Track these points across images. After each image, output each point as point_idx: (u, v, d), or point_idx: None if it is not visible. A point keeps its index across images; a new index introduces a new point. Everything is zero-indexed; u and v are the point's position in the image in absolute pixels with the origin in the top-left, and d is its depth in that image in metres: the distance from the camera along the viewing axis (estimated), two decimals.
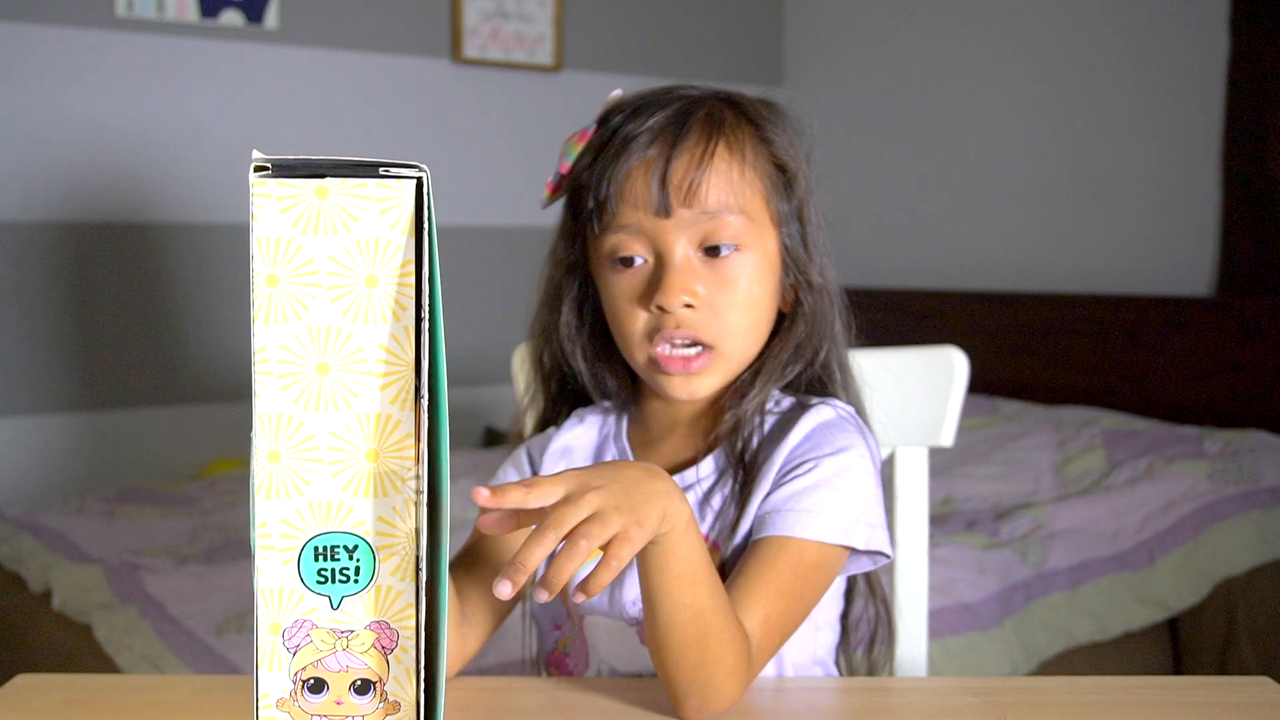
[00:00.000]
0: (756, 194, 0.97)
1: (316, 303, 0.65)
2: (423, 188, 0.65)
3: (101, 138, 2.86)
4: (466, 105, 3.34)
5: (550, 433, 1.08)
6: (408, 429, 0.66)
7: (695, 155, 0.94)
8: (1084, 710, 0.85)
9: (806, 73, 3.76)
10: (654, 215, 0.94)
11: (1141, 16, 2.88)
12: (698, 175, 0.94)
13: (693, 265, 0.95)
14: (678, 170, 0.94)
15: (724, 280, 0.95)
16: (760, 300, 0.97)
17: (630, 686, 0.90)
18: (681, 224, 0.94)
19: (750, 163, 0.97)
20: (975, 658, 1.88)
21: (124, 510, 2.43)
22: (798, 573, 0.89)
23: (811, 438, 0.96)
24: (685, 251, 0.95)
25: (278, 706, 0.67)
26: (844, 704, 0.91)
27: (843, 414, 0.98)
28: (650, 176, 0.94)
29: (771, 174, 0.98)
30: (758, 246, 0.96)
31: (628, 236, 0.96)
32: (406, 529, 0.67)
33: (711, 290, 0.95)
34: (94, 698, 0.88)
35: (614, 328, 0.99)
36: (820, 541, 0.90)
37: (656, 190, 0.94)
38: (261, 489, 0.65)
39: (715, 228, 0.94)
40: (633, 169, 0.95)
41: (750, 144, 0.97)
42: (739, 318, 0.96)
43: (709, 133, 0.96)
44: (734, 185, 0.95)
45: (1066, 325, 2.86)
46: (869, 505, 0.93)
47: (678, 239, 0.95)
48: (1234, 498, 2.23)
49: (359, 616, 0.67)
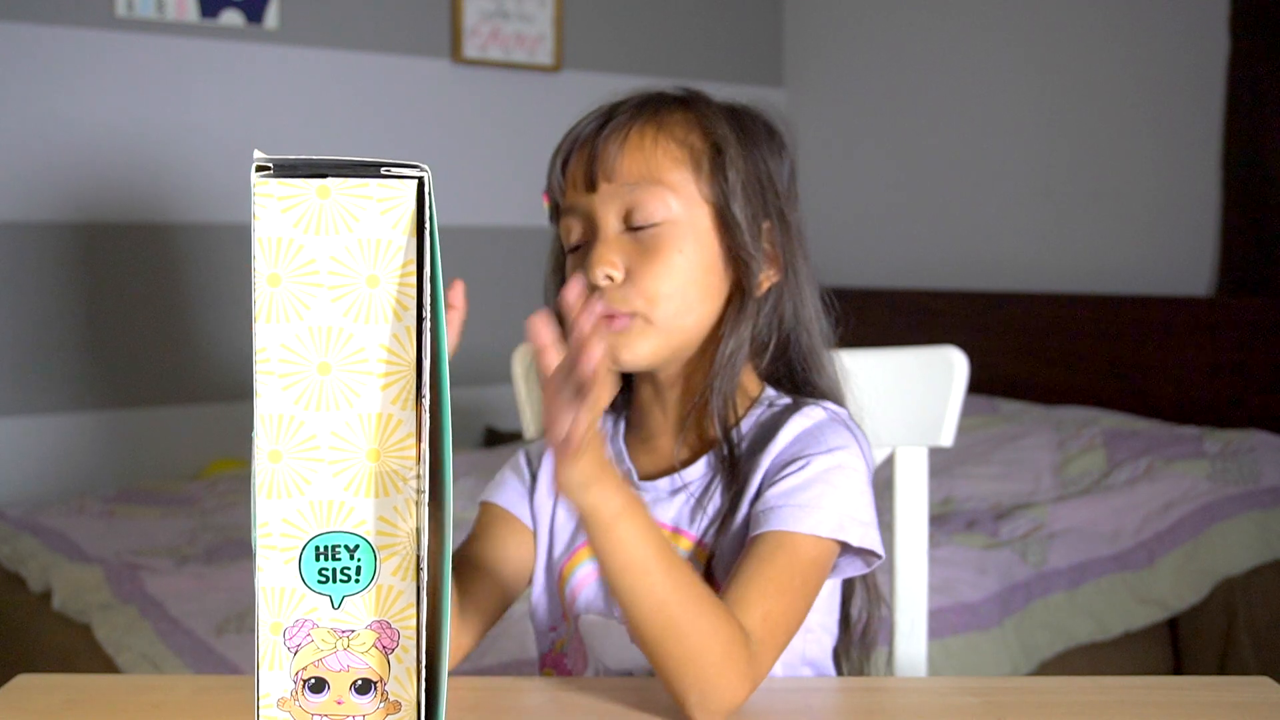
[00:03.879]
0: (680, 166, 0.99)
1: (318, 302, 0.65)
2: (424, 188, 0.65)
3: (101, 138, 2.86)
4: (466, 105, 3.34)
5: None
6: (409, 429, 0.67)
7: (621, 133, 0.99)
8: (1084, 710, 0.86)
9: (806, 73, 3.76)
10: (585, 192, 0.99)
11: (1141, 16, 2.88)
12: (617, 149, 0.98)
13: (619, 239, 0.98)
14: (604, 148, 0.98)
15: (645, 250, 0.97)
16: (685, 269, 0.98)
17: (630, 686, 0.90)
18: (606, 197, 0.98)
19: (675, 138, 0.99)
20: (975, 658, 1.88)
21: (124, 510, 2.43)
22: (795, 568, 0.90)
23: (803, 437, 0.96)
24: (613, 226, 0.98)
25: (279, 706, 0.67)
26: (843, 704, 0.91)
27: (834, 415, 0.99)
28: (582, 156, 1.00)
29: (704, 150, 0.99)
30: (684, 218, 0.98)
31: (572, 220, 1.00)
32: (407, 529, 0.67)
33: (634, 261, 0.97)
34: (94, 698, 0.88)
35: None
36: (816, 536, 0.91)
37: (586, 167, 0.99)
38: (263, 489, 0.65)
39: (635, 200, 0.97)
40: (574, 152, 1.01)
41: (679, 123, 1.00)
42: (662, 284, 0.96)
43: (635, 113, 1.00)
44: (648, 157, 0.98)
45: (1066, 325, 2.86)
46: (862, 504, 0.94)
47: (605, 213, 0.98)
48: (1234, 498, 2.23)
49: (360, 616, 0.67)
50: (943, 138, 3.34)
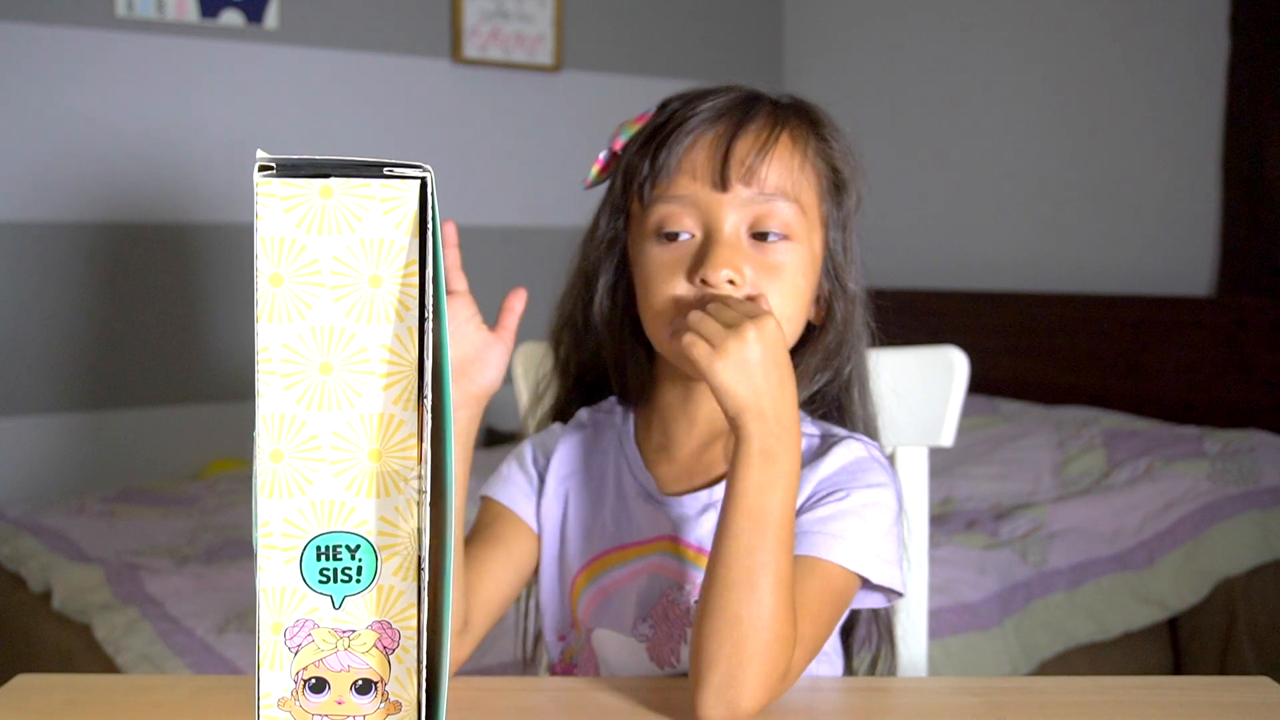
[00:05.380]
0: (812, 189, 0.96)
1: (320, 302, 0.65)
2: (427, 188, 0.66)
3: (101, 138, 2.86)
4: (466, 105, 3.34)
5: (555, 430, 1.07)
6: (410, 429, 0.67)
7: (760, 137, 0.94)
8: (1084, 710, 0.86)
9: (806, 73, 3.76)
10: (710, 188, 0.93)
11: (1141, 16, 2.88)
12: (760, 156, 0.93)
13: (741, 244, 0.93)
14: (741, 147, 0.93)
15: (770, 265, 0.93)
16: (803, 293, 0.95)
17: (631, 686, 0.90)
18: (737, 201, 0.93)
19: (810, 158, 0.96)
20: (975, 658, 1.88)
21: (124, 510, 2.43)
22: (823, 596, 0.88)
23: (845, 470, 0.95)
24: (736, 230, 0.93)
25: (279, 706, 0.67)
26: (844, 704, 0.91)
27: (874, 453, 0.98)
28: (714, 150, 0.94)
29: (828, 174, 0.98)
30: (805, 241, 0.95)
31: (679, 208, 0.94)
32: (409, 529, 0.67)
33: (756, 273, 0.93)
34: (94, 698, 0.88)
35: (643, 301, 0.97)
36: (844, 568, 0.89)
37: (718, 163, 0.93)
38: (264, 488, 0.65)
39: (768, 211, 0.93)
40: (696, 141, 0.95)
41: (812, 141, 0.97)
42: (780, 302, 0.93)
43: (774, 119, 0.96)
44: (793, 174, 0.95)
45: (1066, 325, 2.86)
46: (888, 543, 0.93)
47: (730, 215, 0.93)
48: (1234, 498, 2.23)
49: (361, 616, 0.67)
50: (943, 138, 3.34)
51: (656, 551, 0.97)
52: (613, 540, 1.00)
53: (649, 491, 1.00)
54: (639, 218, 0.97)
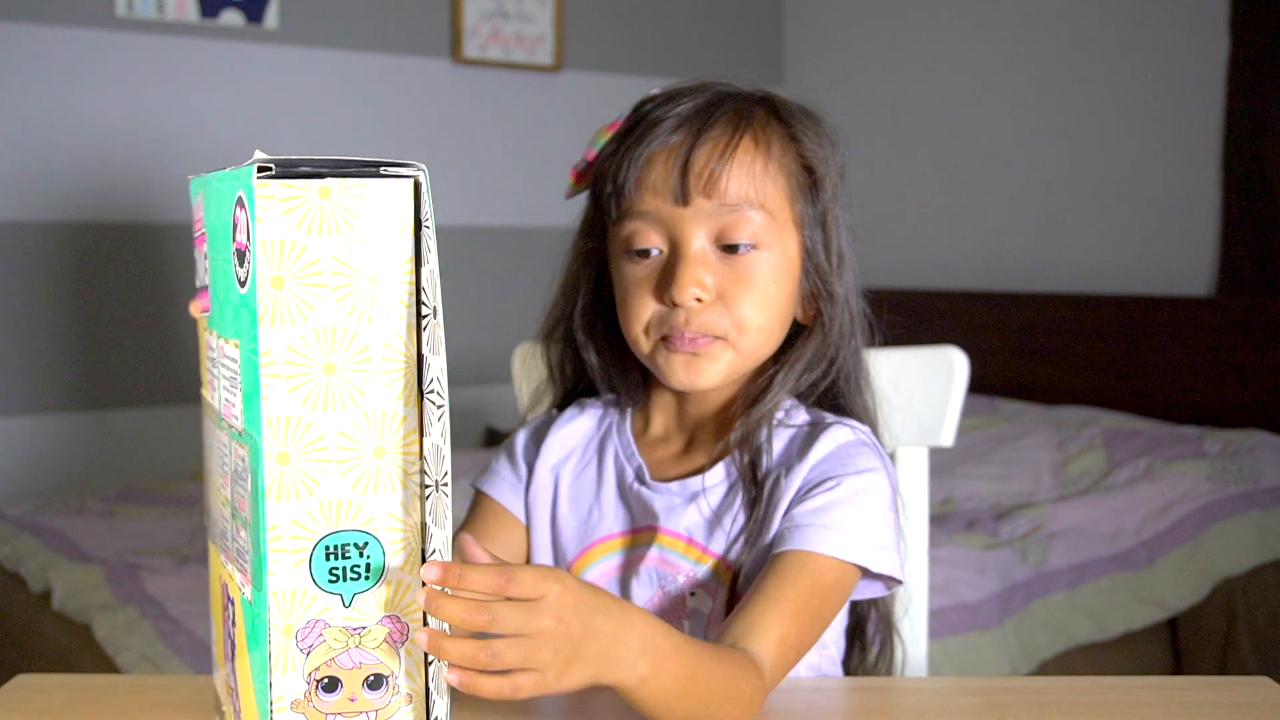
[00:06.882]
0: (779, 191, 0.94)
1: (322, 303, 0.65)
2: (420, 187, 0.66)
3: (101, 138, 2.86)
4: (466, 105, 3.34)
5: (550, 416, 1.07)
6: (413, 424, 0.67)
7: (719, 145, 0.92)
8: (1084, 710, 0.86)
9: (806, 73, 3.76)
10: (672, 203, 0.92)
11: (1141, 16, 2.88)
12: (719, 165, 0.92)
13: (707, 258, 0.92)
14: (699, 158, 0.92)
15: (739, 276, 0.92)
16: (776, 299, 0.94)
17: None
18: (699, 214, 0.92)
19: (776, 159, 0.94)
20: (975, 658, 1.88)
21: (124, 510, 2.43)
22: (815, 591, 0.88)
23: (833, 457, 0.94)
24: (701, 244, 0.92)
25: (293, 709, 0.67)
26: (844, 704, 0.91)
27: (861, 436, 0.97)
28: (671, 164, 0.92)
29: (798, 174, 0.96)
30: (777, 246, 0.94)
31: (644, 224, 0.94)
32: (414, 523, 0.68)
33: (725, 284, 0.92)
34: (94, 698, 0.88)
35: (622, 317, 0.97)
36: (839, 559, 0.89)
37: (676, 178, 0.92)
38: (271, 491, 0.65)
39: (734, 221, 0.92)
40: (654, 154, 0.93)
41: (778, 141, 0.95)
42: (753, 312, 0.93)
43: (735, 124, 0.94)
44: (756, 179, 0.93)
45: (1066, 325, 2.86)
46: (884, 529, 0.92)
47: (695, 230, 0.92)
48: (1234, 498, 2.23)
49: (371, 612, 0.67)
50: (943, 138, 3.34)
51: (648, 542, 0.98)
52: (606, 529, 1.01)
53: (641, 477, 1.00)
54: (612, 232, 0.98)
